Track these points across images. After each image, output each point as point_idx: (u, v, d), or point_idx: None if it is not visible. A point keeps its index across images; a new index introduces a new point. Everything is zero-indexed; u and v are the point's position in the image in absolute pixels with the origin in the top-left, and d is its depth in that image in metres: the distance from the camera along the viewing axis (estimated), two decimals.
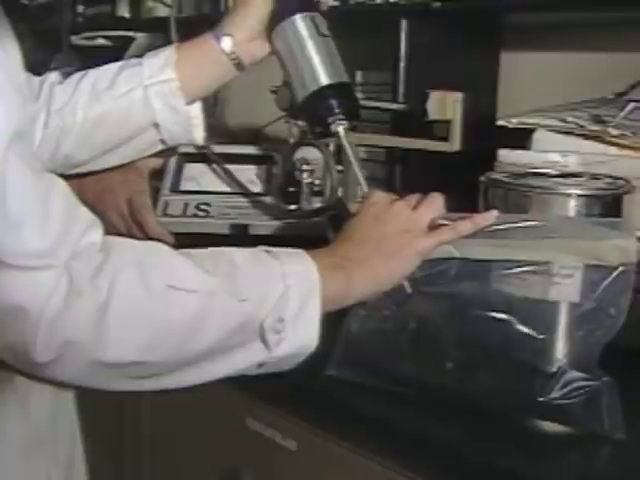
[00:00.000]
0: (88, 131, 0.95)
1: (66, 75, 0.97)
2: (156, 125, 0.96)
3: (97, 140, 0.96)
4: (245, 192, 1.12)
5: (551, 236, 0.76)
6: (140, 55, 0.99)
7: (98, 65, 0.99)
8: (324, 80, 0.90)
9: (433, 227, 0.78)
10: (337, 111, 0.89)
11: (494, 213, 0.78)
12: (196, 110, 0.98)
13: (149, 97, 0.94)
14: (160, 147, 1.00)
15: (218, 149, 1.21)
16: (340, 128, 0.89)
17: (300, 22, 0.92)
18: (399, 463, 0.80)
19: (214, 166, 1.14)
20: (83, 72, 0.97)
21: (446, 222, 0.78)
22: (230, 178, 1.13)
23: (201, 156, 1.15)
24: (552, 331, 0.77)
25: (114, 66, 0.97)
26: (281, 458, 0.93)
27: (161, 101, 0.94)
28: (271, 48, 0.95)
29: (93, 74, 0.96)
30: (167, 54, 0.96)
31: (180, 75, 0.95)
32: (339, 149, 1.19)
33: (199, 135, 0.99)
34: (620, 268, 0.73)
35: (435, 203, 0.80)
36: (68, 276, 0.62)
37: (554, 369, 0.75)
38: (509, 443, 0.74)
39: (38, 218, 0.61)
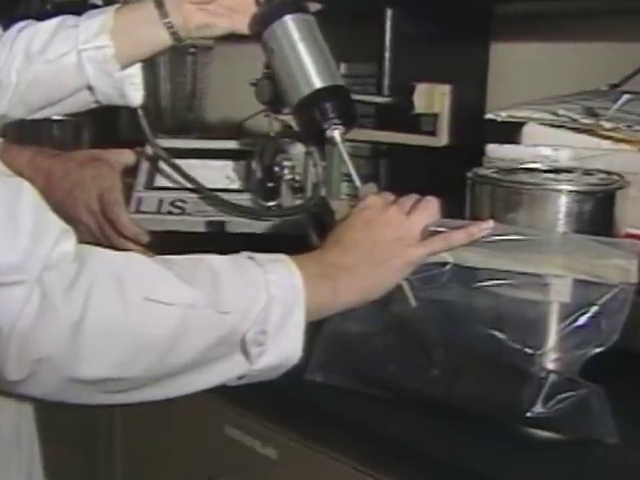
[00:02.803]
0: (22, 91, 0.97)
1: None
2: (90, 88, 0.98)
3: (32, 99, 0.98)
4: (222, 189, 1.11)
5: (550, 251, 0.77)
6: None
7: None
8: (317, 83, 0.89)
9: (426, 235, 0.78)
10: (332, 115, 0.88)
11: (490, 224, 0.78)
12: (133, 70, 0.99)
13: (82, 62, 0.96)
14: (95, 105, 1.02)
15: (196, 144, 1.21)
16: (335, 133, 0.88)
17: (291, 23, 0.91)
18: (385, 471, 0.79)
19: (190, 162, 1.13)
20: (19, 27, 0.98)
21: (440, 229, 0.78)
22: (207, 174, 1.12)
23: (177, 152, 1.14)
24: (542, 339, 0.77)
25: (50, 25, 0.98)
26: (261, 467, 0.93)
27: (94, 67, 0.96)
28: (263, 52, 0.95)
29: (28, 33, 0.97)
30: (104, 18, 0.97)
31: (116, 41, 0.96)
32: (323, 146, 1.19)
33: (136, 97, 1.00)
34: (618, 287, 0.73)
35: (430, 208, 0.80)
36: (40, 290, 0.60)
37: (542, 378, 0.75)
38: (499, 450, 0.74)
39: (6, 231, 0.60)
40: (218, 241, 1.04)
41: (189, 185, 1.10)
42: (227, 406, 0.93)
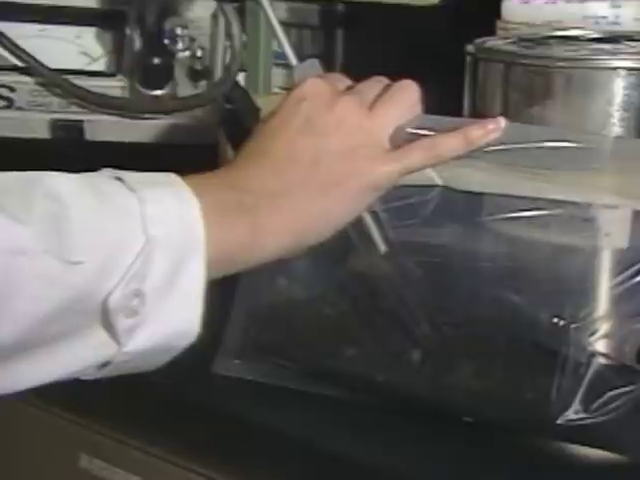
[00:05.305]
0: None
1: None
2: None
3: None
4: (77, 70, 1.12)
5: (597, 168, 0.78)
6: None
7: None
8: None
9: (400, 141, 0.79)
10: None
11: (501, 123, 0.79)
12: None
13: None
14: None
15: None
16: None
17: None
18: None
19: (23, 27, 1.14)
20: None
21: (422, 132, 0.79)
22: (50, 47, 1.13)
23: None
24: (582, 305, 0.79)
25: None
26: None
27: None
28: None
29: None
30: None
31: None
32: (242, 7, 1.20)
33: None
34: None
35: (405, 99, 0.81)
36: None
37: (581, 364, 0.77)
38: (515, 474, 0.76)
39: None
40: (71, 155, 1.04)
41: (20, 64, 1.11)
42: (81, 422, 0.94)
